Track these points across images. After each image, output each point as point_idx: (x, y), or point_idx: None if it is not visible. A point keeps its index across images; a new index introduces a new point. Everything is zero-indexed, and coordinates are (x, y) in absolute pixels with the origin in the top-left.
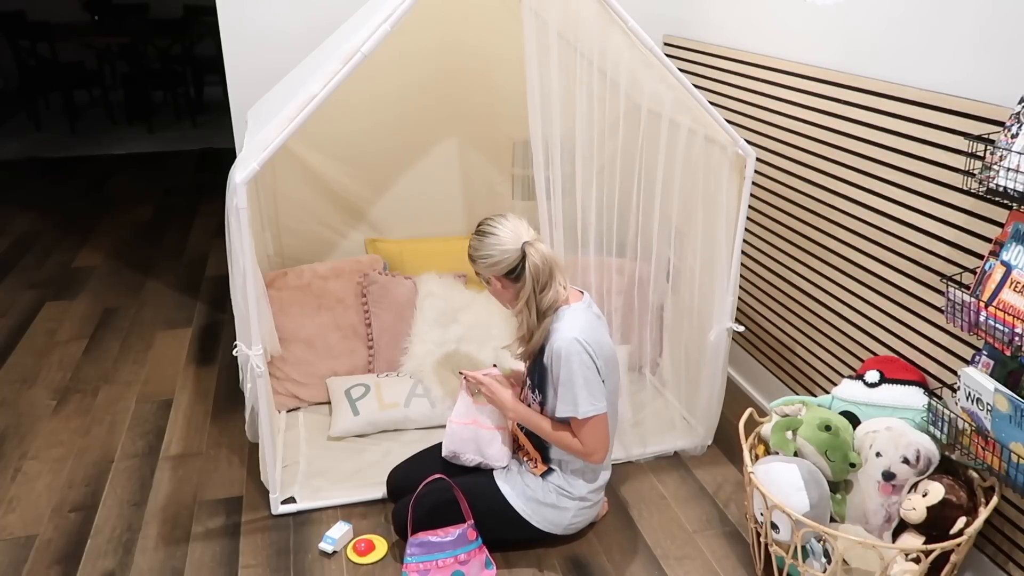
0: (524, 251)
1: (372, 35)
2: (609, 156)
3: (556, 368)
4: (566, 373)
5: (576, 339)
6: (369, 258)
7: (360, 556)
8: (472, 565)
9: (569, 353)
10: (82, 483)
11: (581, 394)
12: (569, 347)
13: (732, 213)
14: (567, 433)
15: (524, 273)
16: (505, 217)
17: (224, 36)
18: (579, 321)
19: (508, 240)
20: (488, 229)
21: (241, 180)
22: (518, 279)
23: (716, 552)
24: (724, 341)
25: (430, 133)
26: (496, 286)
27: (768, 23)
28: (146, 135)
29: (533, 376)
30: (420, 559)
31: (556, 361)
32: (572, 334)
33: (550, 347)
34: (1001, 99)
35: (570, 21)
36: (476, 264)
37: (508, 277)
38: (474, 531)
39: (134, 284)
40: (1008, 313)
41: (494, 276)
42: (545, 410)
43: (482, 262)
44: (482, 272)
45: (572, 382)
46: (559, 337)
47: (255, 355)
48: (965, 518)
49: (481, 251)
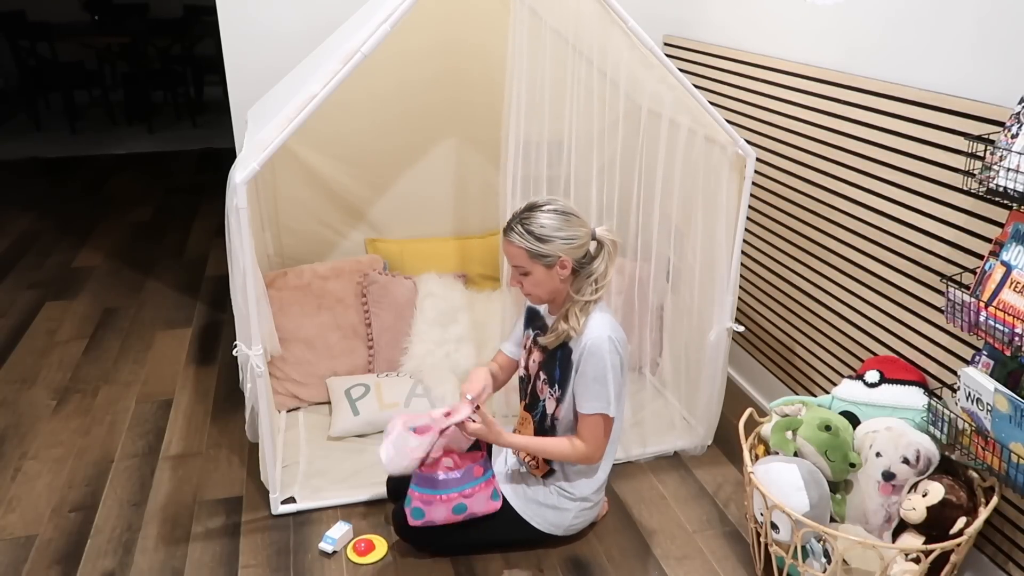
0: (598, 237)
1: (372, 35)
2: (609, 156)
3: (587, 365)
4: (599, 370)
5: (610, 338)
6: (369, 258)
7: (360, 556)
8: (477, 498)
9: (603, 352)
10: (82, 483)
11: (612, 392)
12: (605, 345)
13: (732, 213)
14: (563, 442)
15: (596, 260)
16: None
17: (224, 36)
18: (608, 320)
19: (584, 221)
20: (566, 208)
21: (241, 180)
22: (586, 265)
23: (716, 552)
24: (724, 341)
25: (430, 133)
26: (546, 273)
27: (768, 23)
28: (146, 135)
29: (552, 370)
30: (424, 490)
31: (589, 358)
32: (606, 332)
33: (581, 343)
34: (1001, 99)
35: (570, 21)
36: (550, 243)
37: (579, 263)
38: (481, 467)
39: (134, 284)
40: (1008, 313)
41: (567, 259)
42: (559, 408)
43: (563, 243)
44: (554, 254)
45: (605, 379)
46: (594, 335)
47: (255, 355)
48: (965, 518)
49: (566, 231)
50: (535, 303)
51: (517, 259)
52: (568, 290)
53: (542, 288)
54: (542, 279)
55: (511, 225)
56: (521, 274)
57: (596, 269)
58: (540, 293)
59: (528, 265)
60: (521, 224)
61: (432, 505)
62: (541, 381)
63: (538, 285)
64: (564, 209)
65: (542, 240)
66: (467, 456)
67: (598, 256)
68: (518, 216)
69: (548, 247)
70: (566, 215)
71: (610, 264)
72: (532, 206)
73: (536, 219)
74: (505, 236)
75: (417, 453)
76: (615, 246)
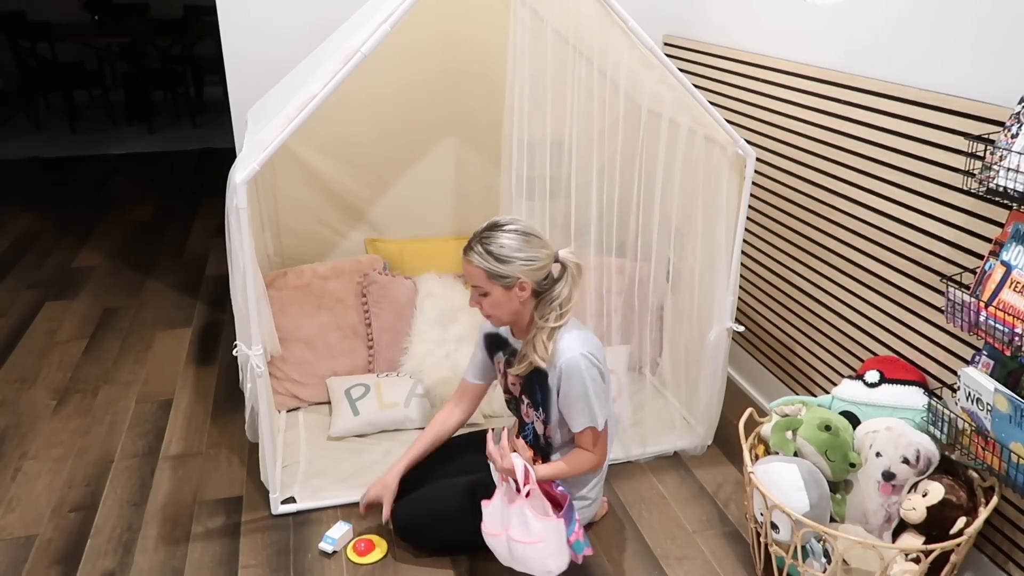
0: (561, 260)
1: (372, 35)
2: (609, 156)
3: (567, 386)
4: (579, 389)
5: (583, 355)
6: (369, 258)
7: (360, 556)
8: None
9: (580, 370)
10: (82, 483)
11: (596, 406)
12: (580, 364)
13: (732, 213)
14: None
15: (558, 283)
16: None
17: (224, 36)
18: (577, 336)
19: (547, 243)
20: (528, 229)
21: (241, 180)
22: (548, 289)
23: (716, 552)
24: (724, 341)
25: (430, 133)
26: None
27: (768, 23)
28: (146, 135)
29: (533, 394)
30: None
31: (567, 379)
32: (578, 350)
33: (556, 367)
34: (1001, 99)
35: (570, 21)
36: (509, 264)
37: (540, 285)
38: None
39: (134, 284)
40: (1008, 313)
41: (527, 281)
42: (548, 427)
43: (523, 265)
44: (512, 276)
45: (587, 396)
46: (566, 356)
47: (255, 355)
48: (965, 518)
49: (525, 252)
50: (495, 324)
51: (476, 279)
52: (532, 314)
53: (501, 309)
54: (501, 300)
55: (471, 244)
56: (480, 295)
57: (559, 293)
58: (499, 314)
59: (487, 286)
60: (481, 244)
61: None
62: (526, 405)
63: (497, 306)
64: (525, 230)
65: (501, 260)
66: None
67: (561, 279)
68: (478, 235)
69: (507, 268)
70: (527, 236)
71: (574, 287)
72: (493, 225)
73: (496, 239)
74: (465, 255)
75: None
76: (579, 269)
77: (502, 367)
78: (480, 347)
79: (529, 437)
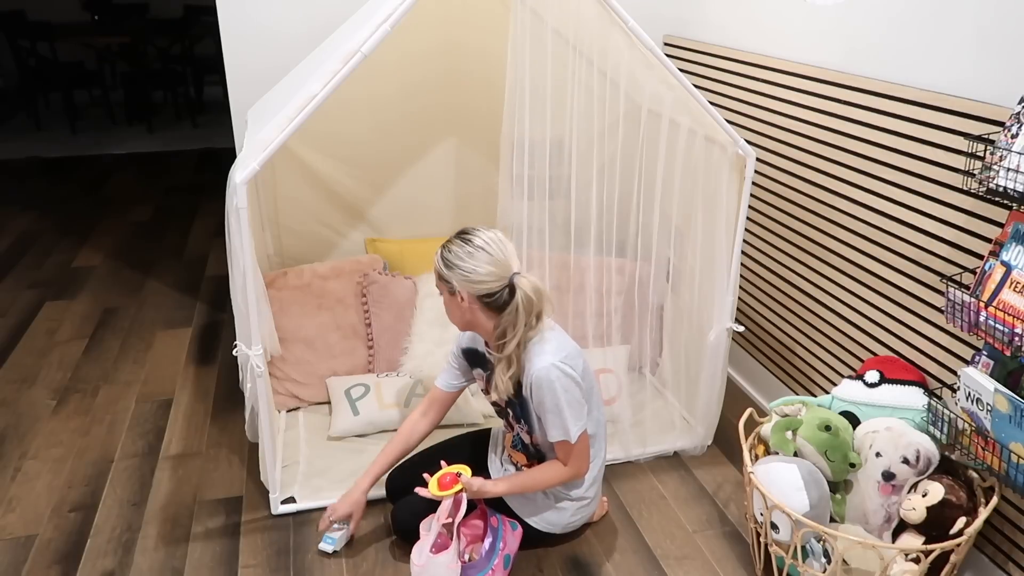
0: (513, 283)
1: (372, 35)
2: (609, 156)
3: (539, 396)
4: (551, 401)
5: (554, 365)
6: (369, 258)
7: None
8: (508, 542)
9: (551, 380)
10: (82, 483)
11: (569, 418)
12: (549, 374)
13: (732, 213)
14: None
15: (509, 307)
16: (495, 232)
17: (224, 36)
18: (550, 345)
19: (499, 262)
20: (480, 242)
21: (241, 180)
22: (498, 310)
23: (716, 552)
24: (724, 341)
25: (430, 133)
26: (450, 300)
27: (768, 23)
28: (146, 135)
29: (514, 406)
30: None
31: (537, 390)
32: (548, 360)
33: (527, 378)
34: (1001, 99)
35: (570, 21)
36: (451, 271)
37: (484, 301)
38: (493, 517)
39: (134, 284)
40: (1008, 313)
41: (467, 294)
42: (535, 436)
43: (461, 275)
44: (452, 283)
45: (559, 408)
46: (536, 368)
47: (255, 355)
48: (965, 518)
49: (466, 263)
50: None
51: (435, 278)
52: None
53: (451, 314)
54: (448, 304)
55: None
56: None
57: (505, 319)
58: (451, 318)
59: (439, 286)
60: (443, 245)
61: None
62: (510, 416)
63: (448, 309)
64: (481, 244)
65: (446, 266)
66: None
67: (508, 304)
68: (450, 237)
69: (448, 274)
70: (477, 250)
71: (527, 317)
72: (461, 231)
73: (453, 244)
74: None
75: (455, 567)
76: (530, 301)
77: (484, 384)
78: (456, 356)
79: (519, 446)
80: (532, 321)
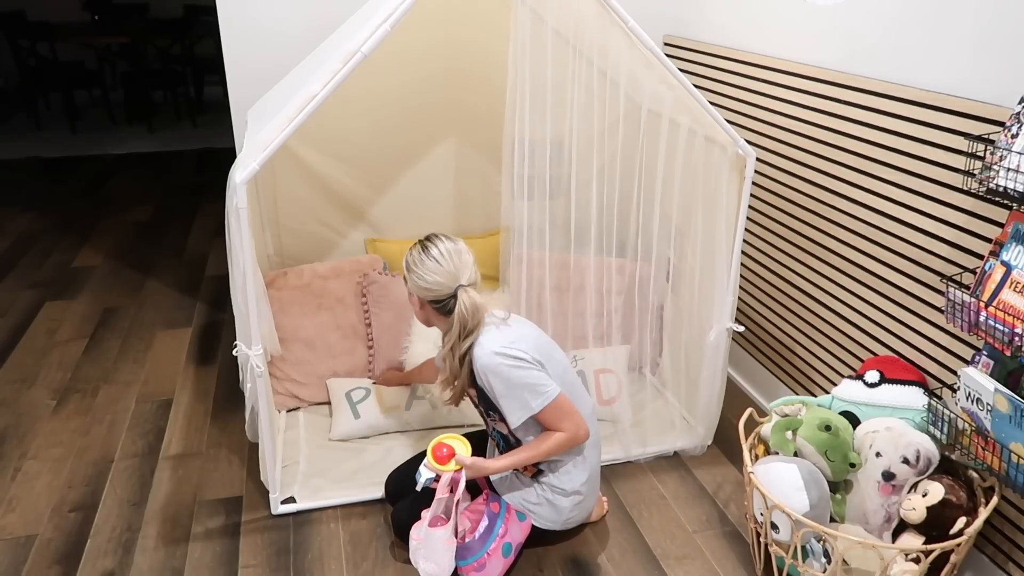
0: (457, 294)
1: (372, 35)
2: (609, 156)
3: (491, 383)
4: (502, 384)
5: (494, 352)
6: (369, 258)
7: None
8: (511, 529)
9: (496, 366)
10: (82, 483)
11: (525, 393)
12: (491, 361)
13: (732, 213)
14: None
15: (452, 315)
16: (455, 243)
17: (224, 36)
18: (491, 334)
19: (447, 274)
20: (434, 252)
21: (241, 180)
22: (446, 314)
23: (716, 552)
24: (724, 341)
25: (430, 133)
26: (415, 301)
27: (768, 23)
28: (146, 135)
29: (482, 400)
30: (472, 559)
31: (488, 379)
32: (488, 348)
33: (476, 371)
34: (1001, 99)
35: (570, 21)
36: (409, 273)
37: (433, 306)
38: (495, 503)
39: (134, 284)
40: (1008, 313)
41: (418, 296)
42: (507, 425)
43: (415, 279)
44: (408, 284)
45: (511, 388)
46: (480, 358)
47: (255, 355)
48: (965, 518)
49: (418, 269)
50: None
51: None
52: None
53: (415, 311)
54: (411, 302)
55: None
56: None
57: (448, 327)
58: (415, 314)
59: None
60: (410, 247)
61: (486, 567)
62: (482, 411)
63: (413, 306)
64: (435, 255)
65: (406, 268)
66: (476, 505)
67: (451, 313)
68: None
69: (408, 276)
70: (430, 259)
71: (460, 329)
72: (426, 237)
73: (415, 249)
74: None
75: (451, 544)
76: (464, 318)
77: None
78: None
79: (501, 443)
80: (464, 333)
